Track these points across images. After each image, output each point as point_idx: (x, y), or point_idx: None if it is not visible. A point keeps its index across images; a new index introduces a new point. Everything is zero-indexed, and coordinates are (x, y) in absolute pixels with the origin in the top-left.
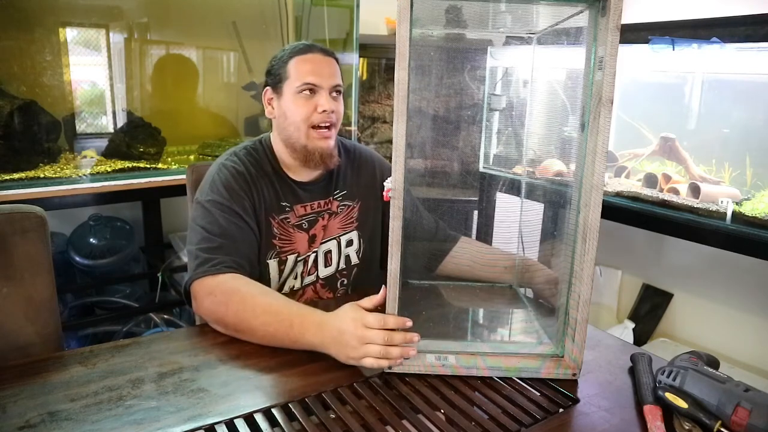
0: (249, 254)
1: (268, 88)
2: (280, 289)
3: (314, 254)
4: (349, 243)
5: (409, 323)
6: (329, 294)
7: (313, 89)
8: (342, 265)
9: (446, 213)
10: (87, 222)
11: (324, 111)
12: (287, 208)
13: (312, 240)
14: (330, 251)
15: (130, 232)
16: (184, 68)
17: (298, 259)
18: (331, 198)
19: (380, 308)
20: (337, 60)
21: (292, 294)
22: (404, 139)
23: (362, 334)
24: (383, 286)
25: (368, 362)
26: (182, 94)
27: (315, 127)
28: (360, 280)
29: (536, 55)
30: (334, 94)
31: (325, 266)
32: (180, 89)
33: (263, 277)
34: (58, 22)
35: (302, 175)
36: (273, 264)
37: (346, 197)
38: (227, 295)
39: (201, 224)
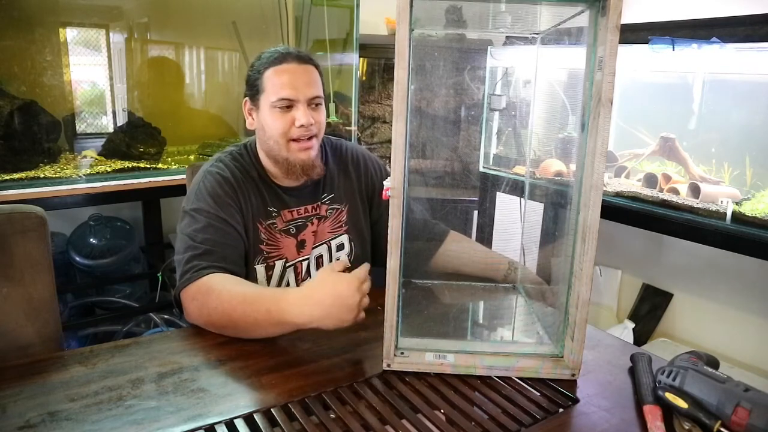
0: (236, 259)
1: (246, 99)
2: None
3: (306, 261)
4: (340, 247)
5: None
6: None
7: (289, 103)
8: None
9: (446, 213)
10: (87, 222)
11: (302, 125)
12: (274, 214)
13: (301, 245)
14: (321, 256)
15: (130, 232)
16: (184, 68)
17: (287, 265)
18: (320, 202)
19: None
20: (316, 66)
21: None
22: (404, 138)
23: (361, 290)
24: (366, 263)
25: (361, 316)
26: (182, 94)
27: (294, 139)
28: None
29: (536, 55)
30: (313, 105)
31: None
32: (180, 89)
33: None
34: (58, 22)
35: (288, 181)
36: (260, 269)
37: (334, 200)
38: (205, 296)
39: (186, 233)
